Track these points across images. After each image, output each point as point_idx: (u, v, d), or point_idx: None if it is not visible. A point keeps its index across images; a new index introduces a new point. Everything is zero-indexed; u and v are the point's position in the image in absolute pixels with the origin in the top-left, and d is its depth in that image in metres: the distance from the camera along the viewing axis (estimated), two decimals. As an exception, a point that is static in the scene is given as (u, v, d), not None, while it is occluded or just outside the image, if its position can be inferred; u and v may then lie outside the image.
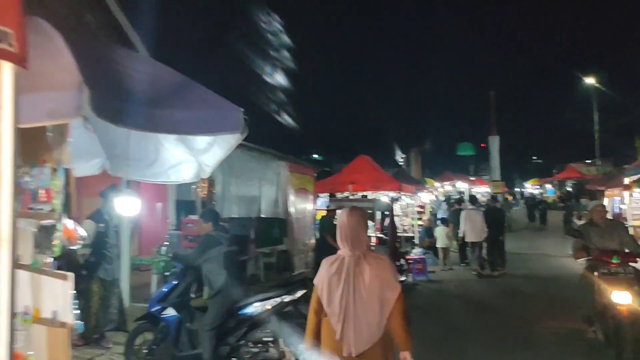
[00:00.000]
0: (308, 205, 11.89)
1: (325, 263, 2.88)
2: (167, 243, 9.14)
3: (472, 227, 11.70)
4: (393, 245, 10.95)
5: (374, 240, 11.07)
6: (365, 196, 11.93)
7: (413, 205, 17.73)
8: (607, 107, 35.72)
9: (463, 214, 12.20)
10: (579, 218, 18.09)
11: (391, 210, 10.97)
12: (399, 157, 32.66)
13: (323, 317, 2.83)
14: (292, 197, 10.90)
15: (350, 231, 2.82)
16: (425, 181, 27.50)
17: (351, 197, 12.15)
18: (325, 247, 9.79)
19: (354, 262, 2.77)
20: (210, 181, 7.89)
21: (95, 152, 3.78)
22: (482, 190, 42.62)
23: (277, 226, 11.15)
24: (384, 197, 13.83)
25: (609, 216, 8.23)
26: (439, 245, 13.20)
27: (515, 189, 50.92)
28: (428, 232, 14.88)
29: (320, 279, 2.84)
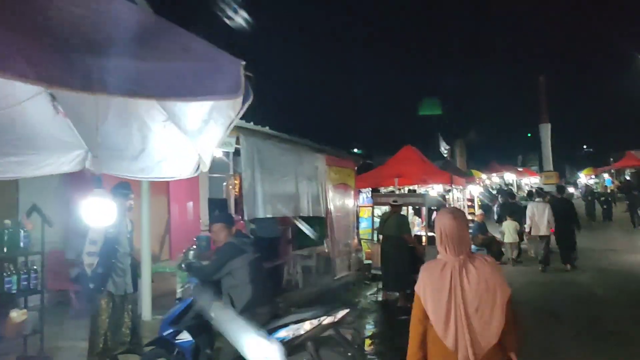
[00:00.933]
0: (349, 202, 10.86)
1: (427, 269, 2.70)
2: (195, 247, 8.39)
3: (539, 220, 11.12)
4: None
5: (423, 240, 9.95)
6: (414, 190, 10.77)
7: (462, 199, 16.52)
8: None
9: (529, 206, 11.56)
10: None
11: (443, 205, 9.81)
12: (444, 148, 31.03)
13: (429, 326, 2.64)
14: (331, 193, 9.91)
15: (455, 234, 2.63)
16: (471, 173, 25.91)
17: (397, 192, 11.06)
18: (394, 247, 8.77)
19: (460, 267, 2.60)
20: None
21: (73, 142, 2.89)
22: (531, 182, 40.67)
23: (317, 225, 10.19)
24: (432, 191, 12.66)
25: None
26: (507, 240, 12.25)
27: (570, 180, 47.96)
28: (481, 227, 13.58)
29: (423, 286, 2.65)
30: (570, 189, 26.33)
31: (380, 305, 9.20)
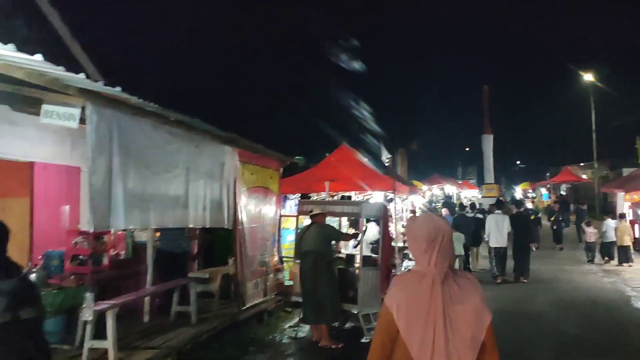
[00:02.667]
0: (269, 210, 8.71)
1: (402, 281, 2.33)
2: (39, 267, 5.95)
3: (498, 232, 11.35)
4: (387, 264, 7.86)
5: (356, 260, 7.94)
6: (349, 197, 8.69)
7: (404, 210, 14.89)
8: (603, 107, 33.22)
9: (489, 218, 11.89)
10: (588, 225, 15.71)
11: (385, 215, 7.85)
12: (385, 157, 29.66)
13: (397, 348, 2.22)
14: (244, 199, 7.72)
15: (447, 242, 2.27)
16: (412, 183, 24.47)
17: (328, 199, 9.03)
18: (314, 266, 6.81)
19: (442, 281, 2.20)
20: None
21: None
22: (470, 195, 40.46)
23: (221, 240, 8.01)
24: (371, 199, 10.74)
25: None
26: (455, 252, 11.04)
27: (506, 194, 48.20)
28: None
29: (396, 301, 2.22)
30: (528, 204, 24.94)
31: (299, 346, 7.09)
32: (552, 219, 17.00)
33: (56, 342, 5.29)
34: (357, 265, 7.60)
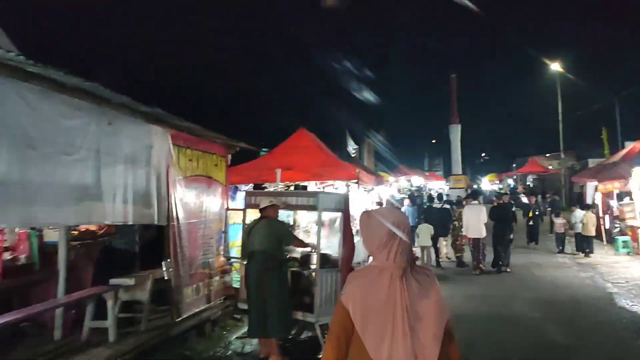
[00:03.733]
0: (213, 203, 7.51)
1: (359, 277, 2.23)
2: None
3: (475, 223, 11.21)
4: (349, 263, 6.77)
5: (313, 260, 6.83)
6: (304, 187, 7.50)
7: (370, 202, 13.86)
8: (569, 98, 33.11)
9: (465, 209, 11.88)
10: (557, 216, 15.63)
11: (346, 208, 6.75)
12: (351, 148, 28.69)
13: (353, 345, 2.14)
14: (180, 190, 6.51)
15: (405, 236, 2.19)
16: (377, 174, 23.58)
17: (281, 189, 7.89)
18: (262, 269, 5.67)
19: (401, 277, 2.15)
20: None
21: None
22: (437, 186, 40.09)
23: (152, 240, 6.78)
24: (334, 190, 9.65)
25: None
26: (420, 244, 11.80)
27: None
28: None
29: (353, 298, 2.16)
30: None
31: (245, 364, 5.96)
32: (530, 214, 16.23)
33: None
34: (313, 266, 6.50)
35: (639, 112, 26.46)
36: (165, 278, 6.20)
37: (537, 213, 16.33)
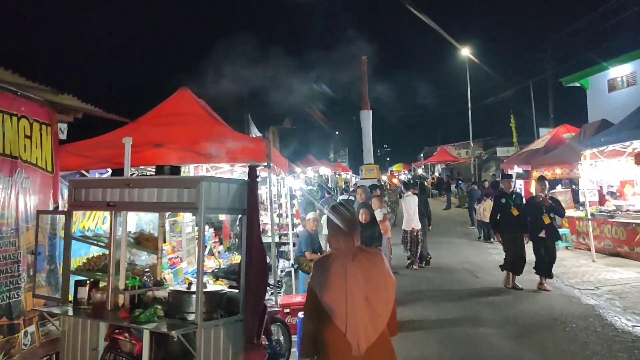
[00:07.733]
0: (20, 203, 4.35)
1: (320, 263, 2.75)
2: None
3: (413, 215, 10.65)
4: (258, 296, 3.94)
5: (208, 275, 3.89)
6: (177, 171, 4.33)
7: (280, 196, 11.38)
8: (478, 85, 32.77)
9: (404, 200, 11.03)
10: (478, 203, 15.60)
11: (252, 206, 3.91)
12: (255, 135, 25.86)
13: (324, 321, 2.62)
14: None
15: (352, 225, 2.77)
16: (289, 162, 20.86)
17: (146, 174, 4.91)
18: None
19: (352, 257, 2.68)
20: None
21: None
22: (345, 177, 38.47)
23: None
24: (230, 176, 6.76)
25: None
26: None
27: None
28: (312, 239, 8.56)
29: (317, 280, 2.68)
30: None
31: None
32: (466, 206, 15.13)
33: None
34: (191, 317, 3.60)
35: (547, 99, 26.26)
36: None
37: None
